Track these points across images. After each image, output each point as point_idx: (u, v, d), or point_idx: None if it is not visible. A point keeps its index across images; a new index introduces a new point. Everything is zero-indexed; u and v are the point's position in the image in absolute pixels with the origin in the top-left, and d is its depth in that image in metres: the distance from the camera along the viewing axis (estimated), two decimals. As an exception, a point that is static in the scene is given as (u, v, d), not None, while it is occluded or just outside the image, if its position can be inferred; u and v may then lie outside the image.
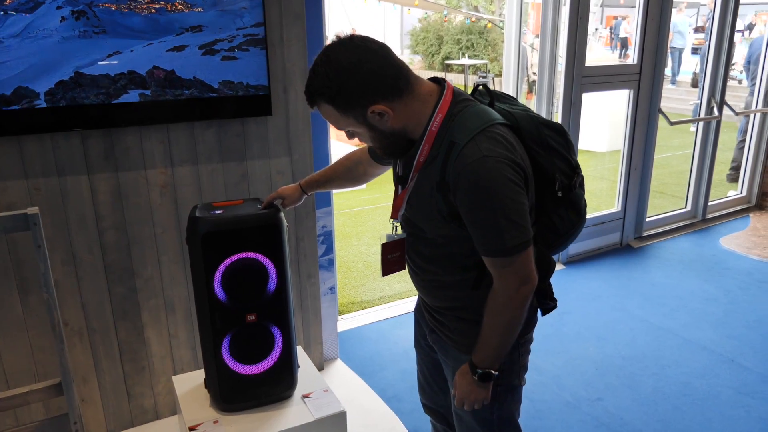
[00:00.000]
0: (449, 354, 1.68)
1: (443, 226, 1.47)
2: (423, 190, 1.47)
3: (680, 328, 3.50)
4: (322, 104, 1.40)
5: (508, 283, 1.42)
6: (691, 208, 5.35)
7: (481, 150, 1.33)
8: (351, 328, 3.59)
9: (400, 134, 1.44)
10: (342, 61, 1.34)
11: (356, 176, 1.92)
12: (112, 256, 2.42)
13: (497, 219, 1.35)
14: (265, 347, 2.09)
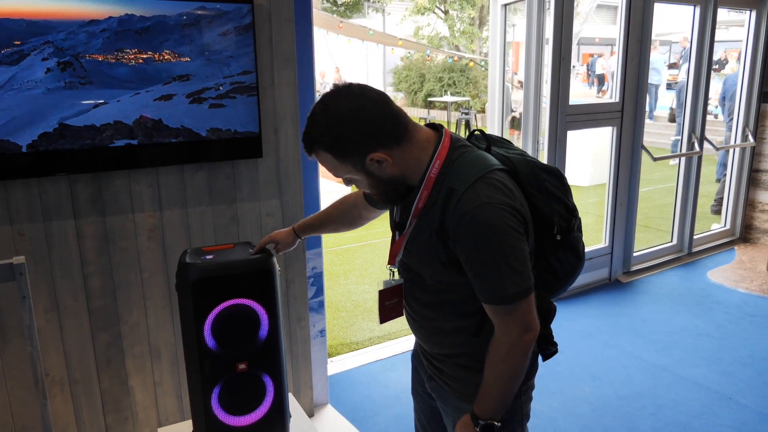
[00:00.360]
0: (449, 402, 1.62)
1: (442, 273, 1.44)
2: (422, 235, 1.44)
3: (675, 365, 3.47)
4: (320, 152, 1.38)
5: (509, 331, 1.38)
6: (677, 242, 5.38)
7: (480, 197, 1.31)
8: (341, 372, 3.51)
9: (399, 181, 1.42)
10: (341, 109, 1.33)
11: (351, 220, 1.91)
12: (97, 302, 2.34)
13: (498, 266, 1.32)
14: (255, 397, 2.02)
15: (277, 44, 2.49)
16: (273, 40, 2.48)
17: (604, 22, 21.67)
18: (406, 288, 1.60)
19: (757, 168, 5.64)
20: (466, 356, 1.54)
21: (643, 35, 4.58)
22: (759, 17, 5.43)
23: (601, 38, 19.03)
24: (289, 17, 2.50)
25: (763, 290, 4.60)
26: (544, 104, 4.33)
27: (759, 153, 5.61)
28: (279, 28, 2.48)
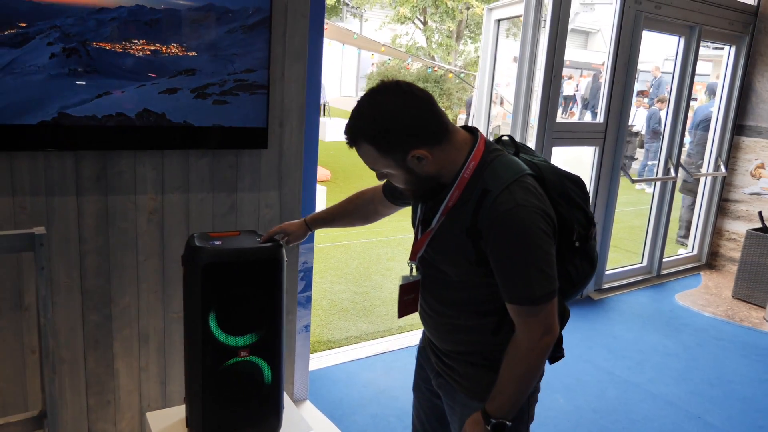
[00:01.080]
0: (457, 400, 1.65)
1: (468, 271, 1.48)
2: (450, 233, 1.47)
3: (646, 383, 3.57)
4: (363, 144, 1.41)
5: (531, 333, 1.41)
6: (647, 264, 5.53)
7: (516, 199, 1.36)
8: (318, 369, 3.52)
9: (434, 179, 1.45)
10: (389, 104, 1.36)
11: (367, 215, 1.94)
12: (91, 281, 2.31)
13: (528, 268, 1.37)
14: (253, 385, 2.02)
15: (290, 39, 2.50)
16: (287, 35, 2.49)
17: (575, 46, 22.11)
18: (424, 284, 1.62)
19: (726, 197, 5.85)
20: (480, 354, 1.57)
21: (630, 60, 4.72)
22: (738, 53, 5.64)
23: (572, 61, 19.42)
24: (304, 13, 2.52)
25: (728, 315, 4.77)
26: (531, 122, 4.42)
27: (729, 183, 5.82)
28: (294, 23, 2.49)
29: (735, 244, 5.75)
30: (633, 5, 4.59)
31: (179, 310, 2.52)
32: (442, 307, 1.59)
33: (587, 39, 24.16)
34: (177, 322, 2.53)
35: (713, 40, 5.46)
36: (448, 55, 21.41)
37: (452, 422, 1.71)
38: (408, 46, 21.72)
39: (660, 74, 13.66)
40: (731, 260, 5.78)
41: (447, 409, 1.72)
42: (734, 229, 5.80)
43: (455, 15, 20.05)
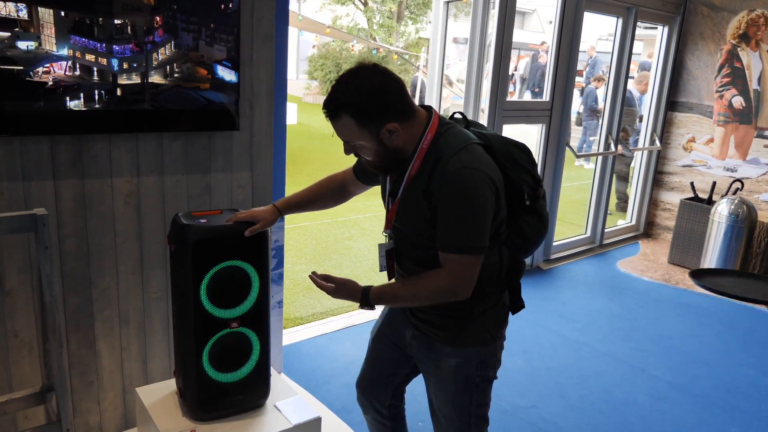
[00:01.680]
0: (432, 347, 1.84)
1: (427, 229, 1.66)
2: (412, 199, 1.67)
3: (595, 342, 3.84)
4: (343, 117, 1.56)
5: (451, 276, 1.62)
6: (590, 235, 5.84)
7: (462, 162, 1.57)
8: (289, 344, 3.63)
9: (400, 152, 1.64)
10: (370, 82, 1.54)
11: (340, 196, 2.07)
12: (70, 264, 2.35)
13: (462, 220, 1.58)
14: (243, 355, 2.12)
15: (257, 22, 2.57)
16: (254, 18, 2.56)
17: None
18: (399, 249, 1.80)
19: (661, 170, 6.21)
20: (448, 307, 1.75)
21: (573, 41, 4.95)
22: (670, 33, 5.96)
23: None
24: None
25: (665, 279, 5.13)
26: (482, 105, 4.59)
27: (664, 156, 6.18)
28: (261, 6, 2.56)
29: (670, 213, 6.13)
30: (574, -13, 4.81)
31: (158, 290, 2.59)
32: (413, 267, 1.76)
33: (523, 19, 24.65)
34: (156, 302, 2.60)
35: (648, 20, 5.76)
36: (390, 36, 21.49)
37: (426, 369, 1.89)
38: (349, 28, 21.67)
39: (595, 54, 14.10)
40: (666, 229, 6.16)
41: (421, 358, 1.89)
42: (669, 199, 6.17)
43: (396, -4, 20.13)
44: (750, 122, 5.61)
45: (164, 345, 2.67)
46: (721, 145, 5.81)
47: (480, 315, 1.76)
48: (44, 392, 1.75)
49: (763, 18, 5.43)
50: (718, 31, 5.71)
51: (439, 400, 1.87)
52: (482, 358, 1.79)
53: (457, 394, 1.82)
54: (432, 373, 1.87)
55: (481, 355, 1.79)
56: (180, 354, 2.10)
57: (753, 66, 5.54)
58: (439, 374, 1.84)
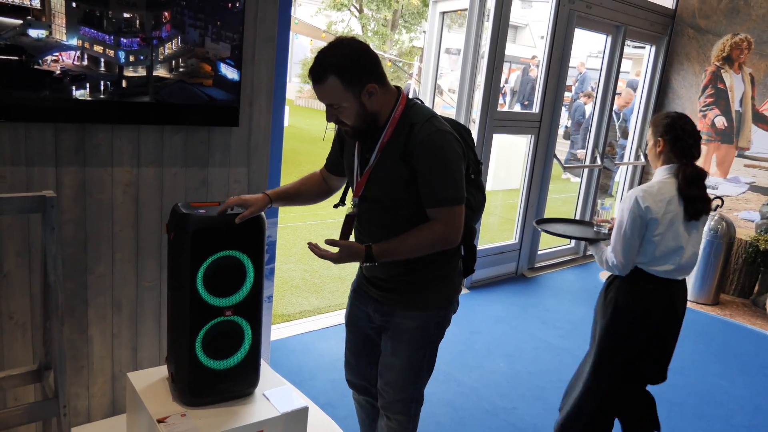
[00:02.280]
0: (395, 314, 1.99)
1: (403, 191, 1.82)
2: (386, 163, 1.83)
3: (576, 349, 3.93)
4: (329, 77, 1.71)
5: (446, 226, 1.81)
6: (575, 245, 5.95)
7: (436, 126, 1.79)
8: (276, 339, 3.68)
9: (375, 116, 1.81)
10: (354, 46, 1.76)
11: (322, 192, 2.19)
12: (68, 250, 2.40)
13: (445, 176, 1.77)
14: (235, 343, 2.19)
15: (261, 22, 2.65)
16: (258, 18, 2.63)
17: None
18: (366, 218, 1.93)
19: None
20: (413, 272, 1.92)
21: (563, 56, 5.07)
22: (657, 52, 6.11)
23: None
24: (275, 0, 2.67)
25: (646, 291, 5.24)
26: (474, 115, 4.69)
27: (648, 172, 6.31)
28: (265, 8, 2.64)
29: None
30: (567, 4, 4.93)
31: (152, 279, 2.64)
32: (381, 232, 1.88)
33: (516, 33, 24.90)
34: (149, 291, 2.65)
35: (636, 39, 5.90)
36: (384, 44, 21.64)
37: (387, 334, 2.04)
38: (344, 33, 21.79)
39: (585, 70, 14.31)
40: (649, 243, 6.28)
41: (384, 326, 2.04)
42: (652, 214, 6.30)
43: (391, 4, 20.28)
44: (731, 142, 5.76)
45: (155, 333, 2.72)
46: (704, 163, 5.95)
47: (442, 280, 1.97)
48: (41, 370, 1.80)
49: (746, 42, 5.59)
50: (703, 53, 5.87)
51: (395, 356, 2.03)
52: (438, 319, 2.00)
53: (415, 351, 2.01)
54: (392, 335, 2.02)
55: (438, 316, 2.00)
56: (173, 340, 2.15)
57: (735, 88, 5.69)
58: (400, 335, 2.00)
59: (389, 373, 2.07)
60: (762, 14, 5.48)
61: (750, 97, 5.62)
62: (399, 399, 2.07)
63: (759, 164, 5.62)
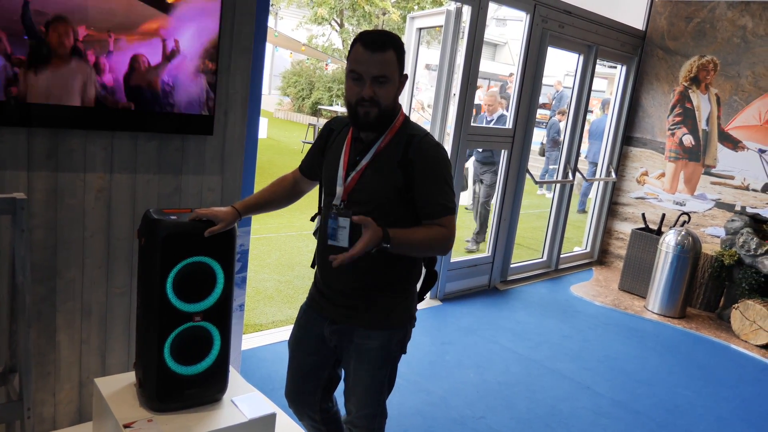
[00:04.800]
0: (355, 334, 2.00)
1: (395, 197, 1.88)
2: (380, 168, 1.89)
3: (545, 360, 3.99)
4: (389, 51, 1.81)
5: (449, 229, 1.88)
6: (547, 259, 6.04)
7: (434, 140, 1.94)
8: (247, 349, 3.68)
9: (393, 106, 1.89)
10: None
11: (293, 194, 2.22)
12: (38, 254, 2.40)
13: (445, 186, 1.88)
14: (204, 349, 2.20)
15: (237, 34, 2.69)
16: (234, 29, 2.67)
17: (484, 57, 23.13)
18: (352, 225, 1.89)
19: (616, 201, 6.47)
20: (379, 288, 1.95)
21: (536, 73, 5.18)
22: (628, 72, 6.27)
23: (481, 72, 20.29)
24: (251, 11, 2.71)
25: (615, 304, 5.35)
26: (448, 129, 4.76)
27: (619, 188, 6.44)
28: (242, 18, 2.68)
29: (622, 242, 6.38)
30: (540, 23, 5.05)
31: (122, 285, 2.64)
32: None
33: (495, 51, 25.24)
34: (119, 297, 2.65)
35: (608, 59, 6.04)
36: (362, 58, 21.71)
37: (349, 354, 2.02)
38: (324, 47, 21.90)
39: (561, 88, 14.53)
40: (618, 257, 6.41)
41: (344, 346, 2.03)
42: (621, 229, 6.43)
43: (372, 19, 20.45)
44: (698, 160, 5.91)
45: (124, 340, 2.71)
46: (672, 180, 6.10)
47: (405, 298, 2.01)
48: (6, 373, 1.80)
49: (712, 63, 5.76)
50: (671, 73, 6.03)
51: (358, 378, 2.03)
52: (400, 337, 2.02)
53: (378, 370, 2.02)
54: (354, 357, 2.02)
55: (400, 334, 2.02)
56: (141, 345, 2.16)
57: (702, 107, 5.86)
58: (361, 356, 2.00)
59: (352, 391, 2.06)
60: (727, 37, 5.66)
61: (716, 117, 5.78)
62: (362, 415, 2.06)
63: (725, 182, 5.78)
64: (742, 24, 5.57)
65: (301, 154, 12.57)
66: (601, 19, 5.65)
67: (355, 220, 1.76)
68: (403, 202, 1.88)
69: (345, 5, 18.83)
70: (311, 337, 2.10)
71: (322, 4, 18.20)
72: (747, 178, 5.64)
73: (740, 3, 5.57)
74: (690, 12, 5.88)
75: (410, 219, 1.90)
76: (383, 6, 18.29)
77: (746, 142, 5.62)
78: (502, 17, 22.87)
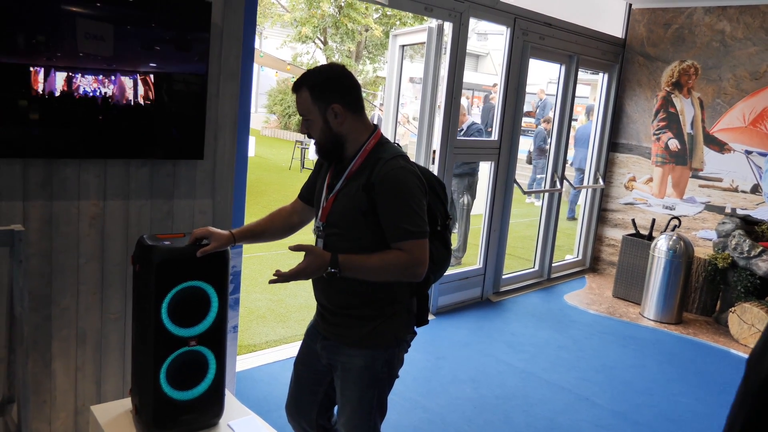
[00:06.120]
0: (341, 352, 2.03)
1: (361, 221, 1.90)
2: (350, 191, 1.93)
3: (541, 372, 4.01)
4: (303, 91, 1.89)
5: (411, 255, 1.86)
6: (539, 268, 6.08)
7: (400, 164, 1.90)
8: (242, 370, 3.68)
9: (341, 140, 1.93)
10: (334, 69, 1.95)
11: (291, 226, 2.23)
12: (33, 282, 2.40)
13: (407, 209, 1.85)
14: (200, 373, 2.20)
15: (225, 60, 2.72)
16: (222, 56, 2.71)
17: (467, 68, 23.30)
18: (329, 242, 1.98)
19: (605, 207, 6.53)
20: (360, 306, 1.97)
21: (519, 85, 5.25)
22: (610, 79, 6.35)
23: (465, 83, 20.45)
24: (238, 37, 2.75)
25: (609, 312, 5.38)
26: (434, 145, 4.79)
27: (607, 195, 6.51)
28: (229, 45, 2.72)
29: (613, 249, 6.43)
30: (521, 36, 5.12)
31: (116, 311, 2.65)
32: None
33: (477, 62, 25.42)
34: (114, 323, 2.66)
35: (589, 68, 6.13)
36: (350, 76, 21.84)
37: (336, 372, 2.06)
38: (309, 65, 22.00)
39: (545, 96, 14.64)
40: (611, 263, 6.45)
41: (332, 363, 2.06)
42: (612, 235, 6.48)
43: (355, 36, 20.57)
44: (685, 163, 5.98)
45: (119, 366, 2.72)
46: (660, 185, 6.17)
47: (390, 317, 1.99)
48: (4, 404, 1.80)
49: (693, 68, 5.85)
50: (653, 79, 6.12)
51: (345, 397, 2.05)
52: (387, 357, 2.02)
53: (364, 391, 2.02)
54: (341, 375, 2.04)
55: (386, 355, 2.01)
56: (137, 371, 2.16)
57: (686, 111, 5.94)
58: (347, 375, 2.02)
59: (341, 411, 2.08)
60: (706, 42, 5.75)
61: (700, 120, 5.86)
62: None
63: (713, 184, 5.84)
64: (720, 28, 5.67)
65: (289, 171, 12.62)
66: (581, 29, 5.74)
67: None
68: (370, 225, 1.89)
69: (328, 23, 18.95)
70: (310, 352, 2.15)
71: (305, 23, 18.31)
72: (735, 180, 5.70)
73: (717, 8, 5.68)
74: (668, 18, 5.99)
75: (381, 243, 1.89)
76: (366, 23, 18.43)
77: (732, 144, 5.69)
78: (483, 32, 23.09)
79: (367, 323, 1.98)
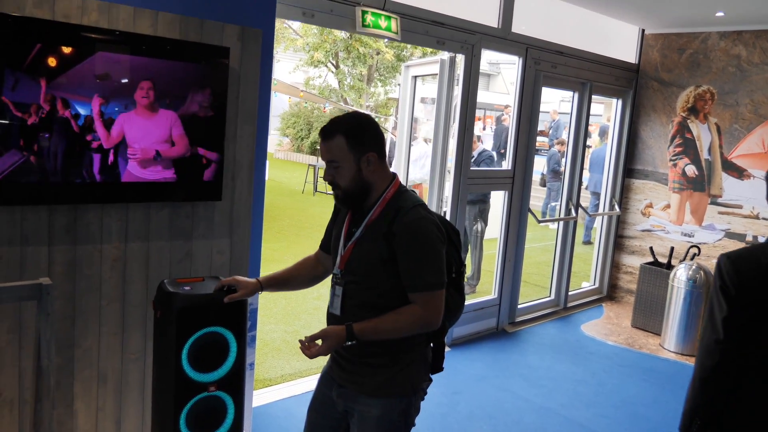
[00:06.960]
0: (358, 401, 2.02)
1: (380, 270, 1.92)
2: (369, 239, 1.95)
3: (559, 408, 3.97)
4: (336, 136, 1.90)
5: (425, 309, 1.88)
6: (555, 297, 6.04)
7: (420, 213, 1.93)
8: (258, 406, 3.68)
9: (368, 187, 1.96)
10: (365, 118, 2.00)
11: (316, 275, 2.25)
12: (56, 325, 2.44)
13: (426, 260, 1.88)
14: (219, 418, 2.22)
15: (242, 103, 2.78)
16: (240, 99, 2.76)
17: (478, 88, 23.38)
18: (349, 293, 1.99)
19: (621, 234, 6.50)
20: (376, 355, 1.97)
21: (532, 115, 5.27)
22: (624, 105, 6.36)
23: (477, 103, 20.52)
24: (255, 80, 2.81)
25: (629, 343, 5.31)
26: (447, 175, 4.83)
27: (623, 221, 6.48)
28: (246, 88, 2.78)
29: (631, 276, 6.38)
30: (533, 66, 5.16)
31: (136, 350, 2.69)
32: (361, 312, 1.95)
33: (489, 81, 25.53)
34: (134, 362, 2.69)
35: (603, 94, 6.14)
36: (360, 97, 22.05)
37: (352, 425, 2.05)
38: (321, 88, 22.21)
39: (558, 117, 14.61)
40: (629, 291, 6.39)
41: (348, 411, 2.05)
42: (629, 262, 6.44)
43: (366, 60, 20.78)
44: (703, 190, 5.94)
45: (138, 405, 2.74)
46: (678, 211, 6.13)
47: (406, 366, 1.98)
48: (31, 453, 1.82)
49: (709, 93, 5.85)
50: (668, 104, 6.12)
51: None
52: (404, 407, 2.00)
53: None
54: (357, 423, 2.03)
55: (402, 404, 2.00)
56: (157, 416, 2.19)
57: (702, 137, 5.92)
58: (364, 424, 2.01)
59: None
60: (722, 67, 5.75)
61: (718, 146, 5.83)
62: None
63: (732, 211, 5.79)
64: (736, 53, 5.67)
65: (302, 195, 12.69)
66: (593, 56, 5.76)
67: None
68: (390, 274, 1.91)
69: (340, 48, 19.19)
70: (325, 400, 2.13)
71: (318, 48, 18.58)
72: (756, 206, 5.64)
73: (732, 33, 5.68)
74: (682, 43, 6.00)
75: (398, 291, 1.91)
76: (377, 47, 18.64)
77: (751, 170, 5.64)
78: (495, 61, 23.28)
79: (384, 371, 1.97)
